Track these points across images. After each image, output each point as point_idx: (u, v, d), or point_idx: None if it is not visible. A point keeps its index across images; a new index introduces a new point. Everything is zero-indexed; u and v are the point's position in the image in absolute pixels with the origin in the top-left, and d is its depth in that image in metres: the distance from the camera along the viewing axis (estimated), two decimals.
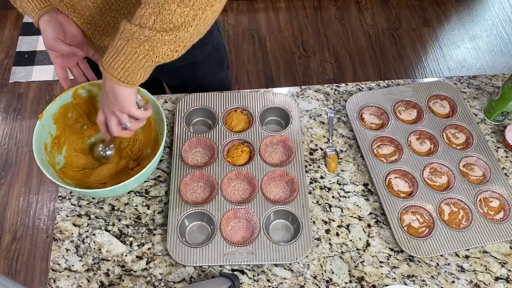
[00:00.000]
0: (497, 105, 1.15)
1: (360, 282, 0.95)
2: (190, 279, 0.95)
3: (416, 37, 2.71)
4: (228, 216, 1.00)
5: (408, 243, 0.97)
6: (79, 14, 0.97)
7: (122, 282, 0.95)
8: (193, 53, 1.16)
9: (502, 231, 0.99)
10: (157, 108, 1.02)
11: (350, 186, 1.08)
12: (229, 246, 0.96)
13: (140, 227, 1.01)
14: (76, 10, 0.96)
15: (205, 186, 1.06)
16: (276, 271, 0.96)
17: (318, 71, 2.55)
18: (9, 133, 2.28)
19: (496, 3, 2.90)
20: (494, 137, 1.16)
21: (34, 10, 0.95)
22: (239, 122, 1.14)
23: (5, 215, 2.03)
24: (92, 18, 0.97)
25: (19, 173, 2.15)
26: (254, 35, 2.70)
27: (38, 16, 0.95)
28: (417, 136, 1.14)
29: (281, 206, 1.01)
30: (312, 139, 1.15)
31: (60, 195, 1.06)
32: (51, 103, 1.02)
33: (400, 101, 1.19)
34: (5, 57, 2.57)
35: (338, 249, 0.99)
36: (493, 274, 0.97)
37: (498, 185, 1.05)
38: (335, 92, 1.24)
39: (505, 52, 2.65)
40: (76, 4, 0.95)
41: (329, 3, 2.86)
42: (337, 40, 2.68)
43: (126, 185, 0.93)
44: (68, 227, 1.01)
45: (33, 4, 0.95)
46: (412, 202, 1.02)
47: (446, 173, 1.08)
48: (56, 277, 0.95)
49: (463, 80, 1.27)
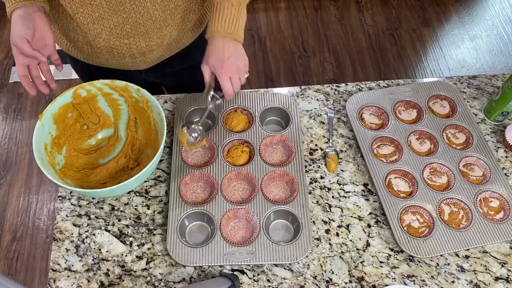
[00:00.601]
0: (497, 105, 1.15)
1: (360, 282, 0.95)
2: (190, 279, 0.95)
3: (416, 37, 2.71)
4: (228, 216, 1.00)
5: (408, 243, 0.97)
6: (87, 13, 0.97)
7: (122, 282, 0.95)
8: (193, 56, 1.16)
9: (502, 231, 0.99)
10: (157, 108, 1.02)
11: (350, 186, 1.08)
12: (229, 246, 0.96)
13: (140, 227, 1.01)
14: (86, 8, 0.96)
15: (205, 186, 1.06)
16: (276, 271, 0.96)
17: (318, 71, 2.55)
18: (9, 133, 2.27)
19: (496, 3, 2.90)
20: (494, 137, 1.16)
21: (11, 1, 0.93)
22: (239, 123, 1.13)
23: (5, 215, 2.03)
24: (102, 18, 0.97)
25: (19, 173, 2.15)
26: (254, 35, 2.70)
27: (13, 8, 0.92)
28: (417, 136, 1.14)
29: (281, 206, 1.01)
30: (312, 139, 1.15)
31: (60, 195, 1.06)
32: (51, 103, 1.02)
33: (400, 101, 1.19)
34: (5, 57, 2.57)
35: (338, 249, 0.99)
36: (493, 274, 0.97)
37: (498, 185, 1.05)
38: (335, 92, 1.24)
39: (505, 52, 2.65)
40: (87, 4, 0.94)
41: (329, 3, 2.86)
42: (337, 40, 2.68)
43: (126, 185, 0.93)
44: (68, 227, 1.01)
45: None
46: (412, 202, 1.02)
47: (446, 173, 1.08)
48: (56, 277, 0.95)
49: (463, 80, 1.27)
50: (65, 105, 1.05)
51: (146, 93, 1.03)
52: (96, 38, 1.02)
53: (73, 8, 0.96)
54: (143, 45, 1.05)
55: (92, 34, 1.01)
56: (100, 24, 0.99)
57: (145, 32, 1.02)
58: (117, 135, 1.13)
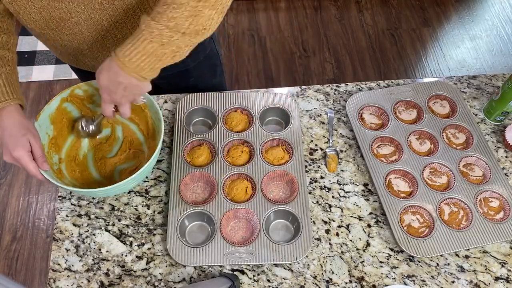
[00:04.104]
0: (497, 105, 1.15)
1: (360, 282, 0.95)
2: (190, 279, 0.95)
3: (416, 37, 2.71)
4: (228, 216, 1.00)
5: (408, 243, 0.97)
6: (69, 40, 0.98)
7: (122, 282, 0.95)
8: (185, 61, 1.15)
9: (502, 231, 0.99)
10: (154, 107, 1.02)
11: (350, 186, 1.08)
12: (229, 246, 0.96)
13: (140, 227, 1.01)
14: (71, 36, 0.97)
15: (205, 186, 1.06)
16: (276, 271, 0.96)
17: (318, 71, 2.55)
18: None
19: (496, 3, 2.90)
20: (494, 137, 1.16)
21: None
22: (239, 123, 1.13)
23: (5, 215, 2.03)
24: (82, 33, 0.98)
25: (19, 173, 2.15)
26: (254, 35, 2.70)
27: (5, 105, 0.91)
28: (417, 136, 1.14)
29: (281, 206, 1.01)
30: (312, 139, 1.15)
31: (60, 195, 1.06)
32: (48, 104, 1.02)
33: (400, 101, 1.19)
34: None
35: (338, 249, 0.99)
36: (493, 274, 0.97)
37: (498, 185, 1.05)
38: (335, 92, 1.24)
39: (505, 52, 2.65)
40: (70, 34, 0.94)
41: (329, 3, 2.86)
42: (337, 40, 2.68)
43: (124, 185, 0.93)
44: (68, 227, 1.01)
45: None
46: (412, 202, 1.02)
47: (446, 173, 1.08)
48: (56, 277, 0.95)
49: (463, 80, 1.27)
50: (62, 101, 1.04)
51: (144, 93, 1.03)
52: (78, 50, 1.03)
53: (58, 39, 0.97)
54: None
55: (74, 47, 1.02)
56: (81, 40, 0.99)
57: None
58: (115, 135, 1.13)
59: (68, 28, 0.95)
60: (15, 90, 0.93)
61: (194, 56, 0.98)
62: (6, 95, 0.91)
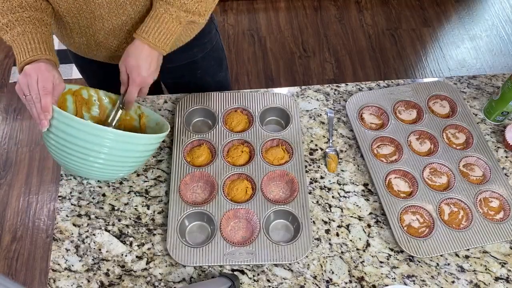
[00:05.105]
0: (497, 105, 1.15)
1: (360, 282, 0.95)
2: (190, 279, 0.95)
3: (416, 37, 2.71)
4: (228, 216, 1.00)
5: (408, 243, 0.97)
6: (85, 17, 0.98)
7: (122, 282, 0.95)
8: (192, 52, 1.16)
9: (502, 231, 0.99)
10: (155, 119, 1.07)
11: (350, 186, 1.08)
12: (229, 246, 0.96)
13: (140, 227, 1.01)
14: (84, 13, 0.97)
15: (205, 186, 1.06)
16: (276, 271, 0.96)
17: (318, 71, 2.55)
18: (9, 133, 2.27)
19: (496, 3, 2.90)
20: (494, 137, 1.16)
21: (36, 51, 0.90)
22: (239, 123, 1.13)
23: (5, 215, 2.03)
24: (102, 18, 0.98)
25: (19, 173, 2.15)
26: (254, 35, 2.70)
27: (38, 58, 0.90)
28: (417, 136, 1.14)
29: (281, 206, 1.01)
30: (312, 139, 1.15)
31: (60, 195, 1.06)
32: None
33: (400, 101, 1.19)
34: (5, 57, 2.56)
35: (338, 249, 0.99)
36: (493, 274, 0.97)
37: (498, 185, 1.05)
38: (335, 92, 1.24)
39: (505, 52, 2.65)
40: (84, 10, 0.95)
41: (329, 3, 2.86)
42: (337, 40, 2.68)
43: (132, 138, 0.91)
44: (68, 227, 1.01)
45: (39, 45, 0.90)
46: (412, 202, 1.02)
47: (446, 173, 1.08)
48: (56, 277, 0.95)
49: (463, 80, 1.27)
50: (67, 92, 1.04)
51: (146, 109, 1.08)
52: (95, 35, 1.03)
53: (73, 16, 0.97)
54: None
55: (90, 33, 1.02)
56: (100, 25, 0.99)
57: None
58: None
59: (90, 11, 0.96)
60: (49, 48, 0.92)
61: (201, 47, 1.01)
62: (39, 51, 0.90)
